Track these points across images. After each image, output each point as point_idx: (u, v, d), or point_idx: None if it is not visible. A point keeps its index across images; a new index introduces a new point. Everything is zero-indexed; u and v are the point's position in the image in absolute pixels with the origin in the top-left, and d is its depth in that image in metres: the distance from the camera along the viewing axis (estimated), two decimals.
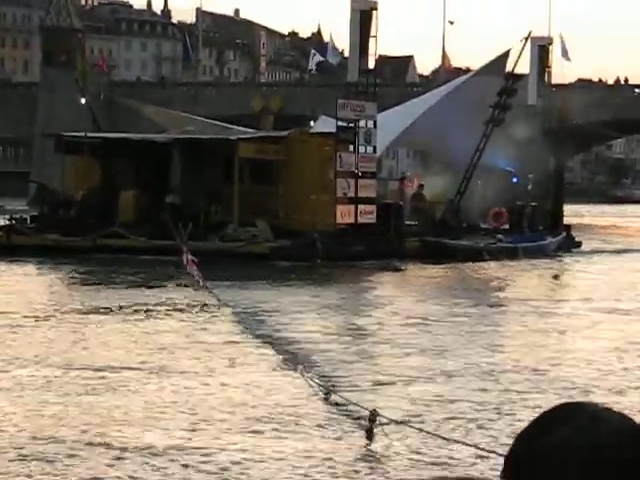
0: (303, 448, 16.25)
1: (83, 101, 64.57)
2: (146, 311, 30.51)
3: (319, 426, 17.37)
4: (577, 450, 1.66)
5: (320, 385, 19.38)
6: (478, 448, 15.25)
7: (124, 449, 15.17)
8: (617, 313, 32.32)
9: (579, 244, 53.06)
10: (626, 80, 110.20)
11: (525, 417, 17.37)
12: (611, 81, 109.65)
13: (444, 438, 15.29)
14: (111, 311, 30.58)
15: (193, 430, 16.50)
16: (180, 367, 21.72)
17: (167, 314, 30.00)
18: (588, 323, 30.57)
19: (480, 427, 17.19)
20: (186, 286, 34.14)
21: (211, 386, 19.77)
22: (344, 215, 46.28)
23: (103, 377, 19.56)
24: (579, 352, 26.28)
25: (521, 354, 25.47)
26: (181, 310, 30.54)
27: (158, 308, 31.21)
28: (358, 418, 16.97)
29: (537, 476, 1.62)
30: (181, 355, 23.08)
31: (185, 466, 13.99)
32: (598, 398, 20.79)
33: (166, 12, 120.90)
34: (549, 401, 18.38)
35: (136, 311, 30.37)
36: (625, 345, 25.77)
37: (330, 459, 15.63)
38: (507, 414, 18.55)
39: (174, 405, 18.05)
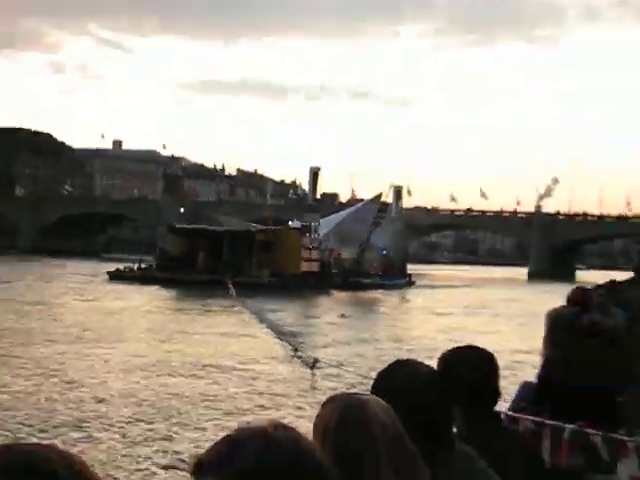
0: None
1: (182, 210, 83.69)
2: (211, 311, 39.04)
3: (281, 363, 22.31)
4: (397, 383, 2.81)
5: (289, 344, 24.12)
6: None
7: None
8: (435, 314, 40.97)
9: (414, 283, 70.53)
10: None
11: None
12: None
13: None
14: (196, 310, 38.36)
15: None
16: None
17: (223, 312, 37.94)
18: (422, 319, 39.28)
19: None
20: (227, 297, 42.59)
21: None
22: (304, 266, 61.56)
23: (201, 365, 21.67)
24: (410, 331, 33.90)
25: (386, 332, 32.78)
26: (226, 310, 38.00)
27: (216, 309, 39.94)
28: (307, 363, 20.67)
29: (386, 399, 2.42)
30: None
31: None
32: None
33: (222, 168, 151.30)
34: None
35: (208, 311, 39.04)
36: (443, 329, 32.38)
37: (286, 380, 19.99)
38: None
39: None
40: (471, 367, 3.65)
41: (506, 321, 38.71)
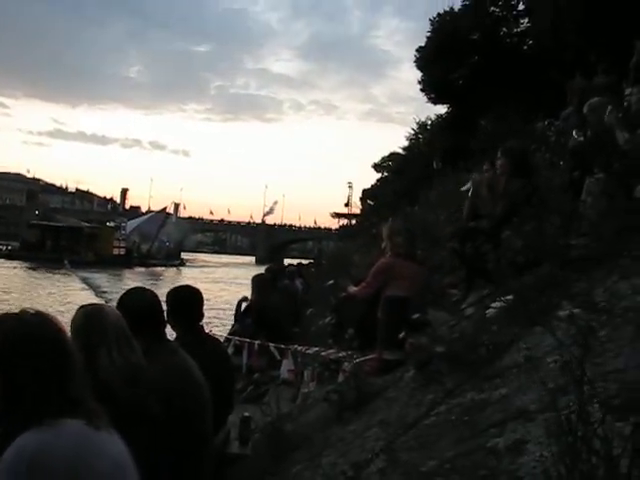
0: None
1: (37, 213, 77.88)
2: (54, 276, 39.90)
3: None
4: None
5: None
6: None
7: None
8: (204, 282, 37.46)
9: (185, 264, 68.44)
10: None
11: None
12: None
13: None
14: None
15: None
16: None
17: None
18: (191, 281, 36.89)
19: None
20: (65, 269, 44.21)
21: None
22: (116, 251, 61.44)
23: None
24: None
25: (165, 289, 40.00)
26: None
27: (57, 275, 40.47)
28: None
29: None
30: None
31: None
32: None
33: (66, 187, 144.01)
34: None
35: (52, 276, 39.46)
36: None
37: None
38: None
39: None
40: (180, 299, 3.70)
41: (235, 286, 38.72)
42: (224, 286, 39.38)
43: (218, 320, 18.47)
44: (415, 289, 5.37)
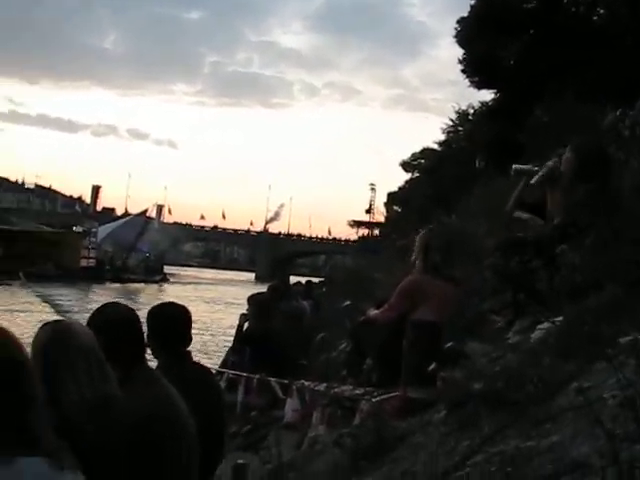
0: None
1: None
2: (4, 292, 40.35)
3: None
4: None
5: None
6: None
7: None
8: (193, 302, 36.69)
9: (168, 280, 71.80)
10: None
11: None
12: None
13: None
14: None
15: None
16: None
17: None
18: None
19: None
20: (19, 283, 44.17)
21: None
22: (84, 262, 63.18)
23: None
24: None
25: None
26: None
27: (8, 292, 40.99)
28: None
29: None
30: None
31: None
32: None
33: (22, 182, 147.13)
34: None
35: (2, 292, 40.58)
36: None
37: None
38: None
39: None
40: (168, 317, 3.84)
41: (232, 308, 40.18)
42: (217, 307, 40.53)
43: (212, 346, 19.17)
44: (446, 313, 5.44)
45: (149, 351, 3.44)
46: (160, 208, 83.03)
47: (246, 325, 7.72)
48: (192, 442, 2.99)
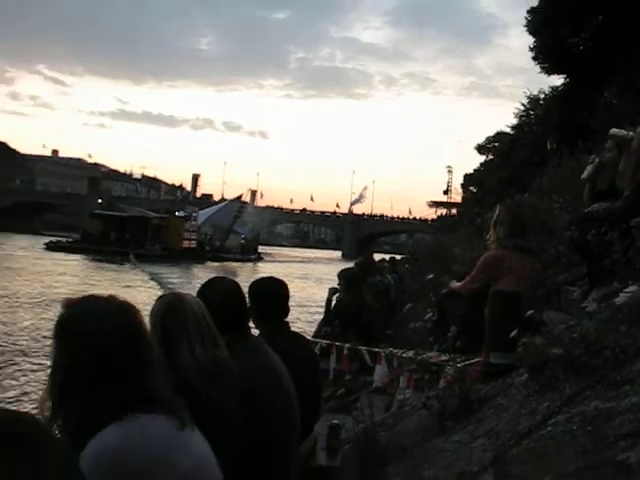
0: None
1: (100, 202, 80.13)
2: (118, 271, 40.92)
3: None
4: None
5: None
6: None
7: None
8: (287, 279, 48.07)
9: (262, 258, 72.53)
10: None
11: None
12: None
13: None
14: None
15: None
16: None
17: None
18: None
19: None
20: (130, 263, 46.45)
21: None
22: (186, 244, 62.62)
23: None
24: None
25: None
26: None
27: (121, 270, 41.63)
28: None
29: None
30: None
31: None
32: None
33: (130, 173, 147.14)
34: None
35: (116, 271, 40.83)
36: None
37: None
38: None
39: None
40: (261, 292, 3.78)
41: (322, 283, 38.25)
42: (309, 283, 40.43)
43: (307, 317, 19.04)
44: (527, 284, 5.33)
45: (251, 322, 3.44)
46: (254, 193, 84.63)
47: (335, 298, 7.65)
48: (293, 405, 3.03)
